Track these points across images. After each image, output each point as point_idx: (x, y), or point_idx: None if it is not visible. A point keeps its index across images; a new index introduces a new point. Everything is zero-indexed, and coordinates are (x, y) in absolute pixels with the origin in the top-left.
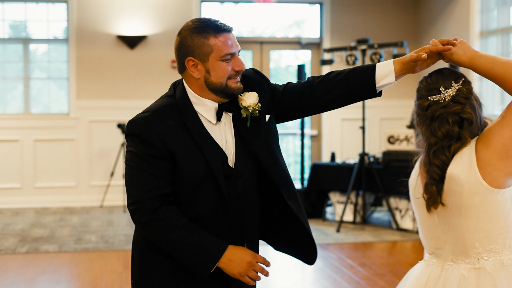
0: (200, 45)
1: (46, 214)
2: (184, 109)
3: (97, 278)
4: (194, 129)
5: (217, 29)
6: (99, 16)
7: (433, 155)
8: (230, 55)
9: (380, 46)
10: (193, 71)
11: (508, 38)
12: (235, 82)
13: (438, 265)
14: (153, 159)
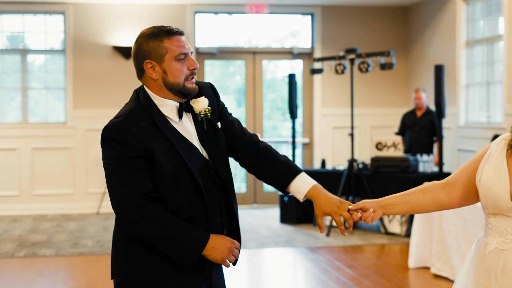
0: (155, 47)
1: (44, 221)
2: (151, 111)
3: (93, 280)
4: (164, 128)
5: (170, 32)
6: (95, 28)
7: None
8: (184, 55)
9: (368, 55)
10: (151, 73)
11: (493, 47)
12: (191, 83)
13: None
14: (132, 160)
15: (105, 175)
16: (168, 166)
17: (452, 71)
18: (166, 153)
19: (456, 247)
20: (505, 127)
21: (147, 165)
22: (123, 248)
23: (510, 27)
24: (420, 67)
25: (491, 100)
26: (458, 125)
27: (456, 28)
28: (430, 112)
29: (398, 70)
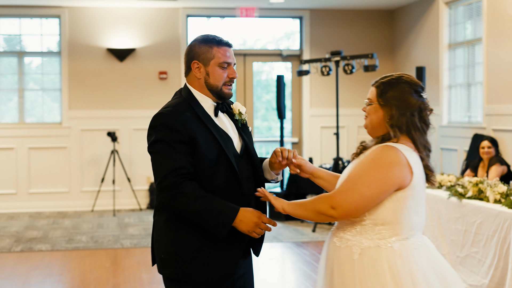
0: (205, 51)
1: (40, 218)
2: (193, 104)
3: (86, 272)
4: (205, 119)
5: (220, 42)
6: (90, 30)
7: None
8: (227, 64)
9: (352, 57)
10: (196, 72)
11: (474, 49)
12: (228, 89)
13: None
14: (176, 144)
15: (151, 159)
16: (208, 151)
17: (435, 73)
18: (207, 140)
19: (432, 241)
20: (485, 126)
21: (189, 150)
22: (168, 230)
23: (490, 30)
24: (405, 69)
25: (472, 100)
26: (441, 125)
27: (439, 31)
28: None
29: (384, 71)
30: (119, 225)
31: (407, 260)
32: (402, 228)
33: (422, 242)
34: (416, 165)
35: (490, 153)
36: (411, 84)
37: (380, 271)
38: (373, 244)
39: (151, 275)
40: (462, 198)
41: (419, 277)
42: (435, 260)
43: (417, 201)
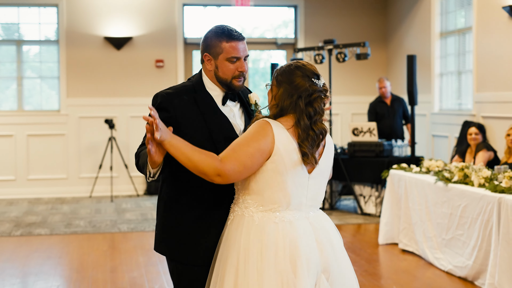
0: (215, 45)
1: (39, 204)
2: (198, 89)
3: (85, 255)
4: (202, 104)
5: (230, 36)
6: (88, 19)
7: None
8: (236, 58)
9: (345, 46)
10: (207, 64)
11: (464, 38)
12: (238, 81)
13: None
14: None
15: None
16: (195, 135)
17: (427, 61)
18: (195, 124)
19: (420, 224)
20: (474, 113)
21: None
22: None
23: (479, 19)
24: (398, 57)
25: (463, 88)
26: (432, 112)
27: (431, 20)
28: (398, 98)
29: (378, 59)
30: (117, 211)
31: (260, 231)
32: (264, 199)
33: (289, 219)
34: (282, 142)
35: (477, 139)
36: (303, 69)
37: (238, 237)
38: (240, 212)
39: (147, 257)
40: (448, 182)
41: (268, 249)
42: (293, 239)
43: (282, 177)
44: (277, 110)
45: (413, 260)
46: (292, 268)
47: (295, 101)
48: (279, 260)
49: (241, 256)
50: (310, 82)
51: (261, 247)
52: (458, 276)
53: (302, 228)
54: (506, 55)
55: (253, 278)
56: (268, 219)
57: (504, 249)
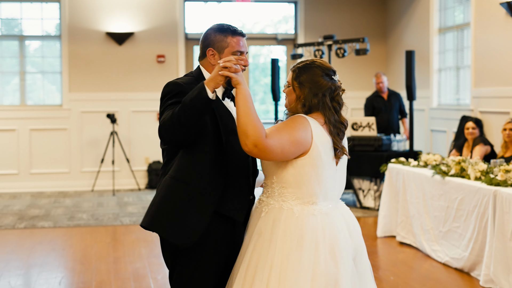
0: (219, 40)
1: (41, 198)
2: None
3: (88, 247)
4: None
5: (234, 32)
6: (90, 14)
7: None
8: (240, 52)
9: (344, 41)
10: (211, 59)
11: (463, 34)
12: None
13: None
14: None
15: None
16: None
17: (425, 56)
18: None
19: (417, 217)
20: (472, 108)
21: None
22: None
23: (477, 15)
24: (397, 52)
25: (461, 83)
26: (431, 107)
27: (429, 16)
28: (394, 93)
29: (377, 55)
30: (119, 204)
31: (301, 223)
32: (303, 193)
33: (325, 211)
34: (318, 137)
35: (474, 133)
36: (322, 68)
37: (276, 229)
38: (277, 205)
39: (150, 249)
40: (445, 176)
41: (306, 239)
42: (331, 229)
43: (319, 170)
44: (305, 109)
45: (411, 252)
46: (332, 258)
47: (321, 99)
48: (319, 251)
49: (278, 248)
50: (331, 80)
51: (302, 239)
52: (454, 267)
53: (337, 219)
54: (503, 51)
55: (295, 269)
56: (307, 211)
57: (499, 240)
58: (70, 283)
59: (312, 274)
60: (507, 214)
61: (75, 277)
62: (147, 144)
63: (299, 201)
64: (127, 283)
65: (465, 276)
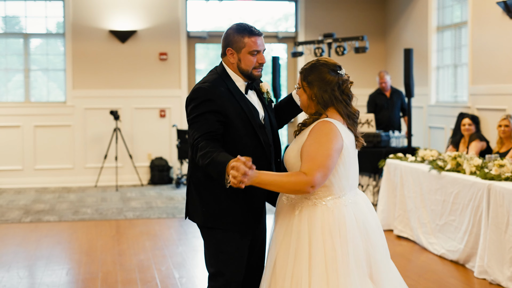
0: (237, 41)
1: (46, 193)
2: (227, 81)
3: (93, 240)
4: (236, 94)
5: (251, 32)
6: (93, 13)
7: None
8: (257, 51)
9: (344, 40)
10: (230, 58)
11: (460, 32)
12: (257, 71)
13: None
14: (211, 114)
15: (189, 126)
16: (237, 121)
17: (424, 54)
18: (236, 111)
19: (415, 211)
20: (469, 105)
21: (221, 118)
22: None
23: (475, 14)
24: (396, 50)
25: (459, 81)
26: (429, 104)
27: (428, 14)
28: (397, 91)
29: (377, 53)
30: (122, 199)
31: (338, 215)
32: (334, 189)
33: (352, 199)
34: (346, 135)
35: (471, 130)
36: (327, 65)
37: (313, 224)
38: (311, 202)
39: (153, 242)
40: (441, 170)
41: (346, 229)
42: (361, 214)
43: (347, 166)
44: (320, 106)
45: (408, 245)
46: (369, 241)
47: (332, 94)
48: (356, 235)
49: (323, 241)
50: (337, 75)
51: (341, 230)
52: (450, 259)
53: (363, 205)
54: (500, 49)
55: (339, 253)
56: (340, 204)
57: (493, 232)
58: (76, 273)
59: (356, 261)
60: (500, 207)
61: (81, 268)
62: (150, 140)
63: (331, 197)
64: (132, 274)
65: (460, 267)
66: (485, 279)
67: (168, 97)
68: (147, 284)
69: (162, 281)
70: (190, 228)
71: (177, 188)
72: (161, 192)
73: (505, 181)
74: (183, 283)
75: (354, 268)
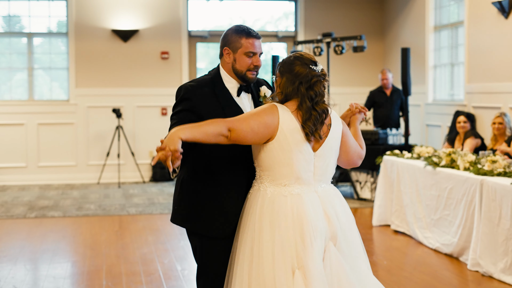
0: (234, 41)
1: (49, 190)
2: (216, 82)
3: (97, 235)
4: (221, 96)
5: (249, 34)
6: (95, 12)
7: None
8: (252, 53)
9: (342, 39)
10: (226, 57)
11: (457, 31)
12: (251, 74)
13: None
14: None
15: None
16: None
17: (421, 53)
18: (214, 113)
19: (411, 206)
20: (466, 103)
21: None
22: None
23: (471, 14)
24: (394, 49)
25: (455, 79)
26: (426, 103)
27: (425, 14)
28: (397, 90)
29: (375, 52)
30: (124, 196)
31: (271, 204)
32: (275, 175)
33: (296, 193)
34: (285, 121)
35: (466, 127)
36: (300, 58)
37: (253, 208)
38: (257, 186)
39: (156, 237)
40: (436, 166)
41: (278, 219)
42: (302, 208)
43: (286, 153)
44: (282, 96)
45: (404, 239)
46: (300, 235)
47: (297, 87)
48: (288, 228)
49: (256, 226)
50: (308, 69)
51: (272, 217)
52: (444, 253)
53: (310, 200)
54: (495, 48)
55: (267, 246)
56: (279, 192)
57: (485, 225)
58: (81, 266)
59: (282, 252)
60: (493, 202)
61: (86, 261)
62: (151, 138)
63: (273, 183)
64: (135, 266)
65: (454, 260)
66: (478, 271)
67: (169, 95)
68: (151, 276)
69: (165, 273)
70: None
71: None
72: (163, 189)
73: (497, 176)
74: (185, 275)
75: (280, 258)
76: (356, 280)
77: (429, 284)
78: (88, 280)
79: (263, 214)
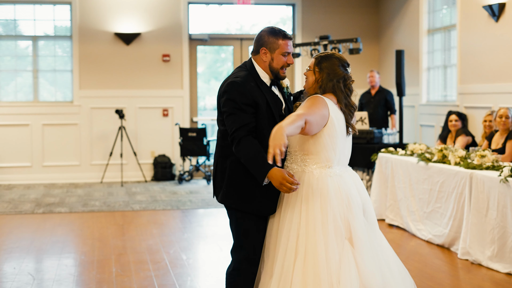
0: (272, 42)
1: (54, 188)
2: (255, 77)
3: (104, 228)
4: (263, 89)
5: (285, 36)
6: (99, 16)
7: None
8: (287, 53)
9: (339, 41)
10: (263, 56)
11: (450, 34)
12: (283, 72)
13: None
14: (246, 106)
15: (225, 118)
16: (264, 112)
17: (415, 56)
18: (264, 104)
19: (404, 200)
20: (458, 104)
21: (253, 111)
22: (230, 170)
23: (463, 17)
24: (389, 52)
25: (448, 81)
26: (420, 104)
27: (419, 18)
28: (382, 90)
29: (370, 54)
30: (128, 193)
31: (321, 183)
32: (321, 158)
33: (338, 173)
34: (333, 111)
35: (457, 125)
36: (340, 60)
37: (300, 189)
38: (300, 169)
39: (161, 230)
40: (428, 162)
41: (327, 196)
42: (345, 186)
43: (334, 139)
44: (321, 90)
45: (398, 232)
46: (349, 210)
47: (336, 84)
48: (339, 205)
49: (305, 203)
50: (345, 71)
51: (322, 195)
52: (436, 244)
53: (348, 179)
54: (486, 50)
55: (318, 218)
56: (325, 174)
57: (474, 216)
58: (91, 256)
59: (334, 223)
60: (481, 194)
61: (95, 252)
62: (153, 138)
63: (318, 165)
64: (143, 256)
65: (446, 250)
66: (467, 260)
67: (170, 97)
68: (157, 264)
69: (171, 262)
70: (194, 217)
71: (180, 184)
72: (165, 188)
73: (486, 170)
74: (190, 264)
75: (332, 229)
76: (378, 246)
77: (421, 271)
78: (99, 268)
79: (312, 192)
